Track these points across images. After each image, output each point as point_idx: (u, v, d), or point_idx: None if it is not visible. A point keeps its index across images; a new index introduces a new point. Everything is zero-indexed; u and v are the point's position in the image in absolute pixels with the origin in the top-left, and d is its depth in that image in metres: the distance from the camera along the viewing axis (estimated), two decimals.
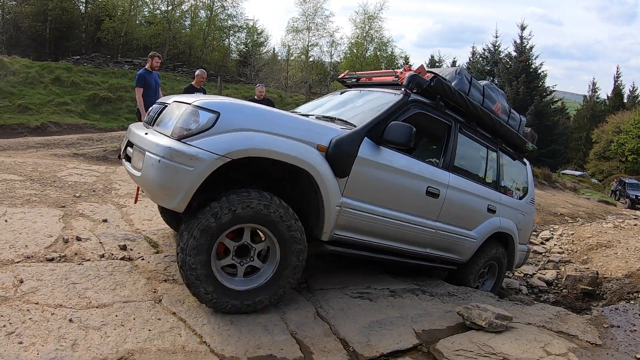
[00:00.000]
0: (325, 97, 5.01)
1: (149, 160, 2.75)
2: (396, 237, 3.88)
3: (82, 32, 31.18)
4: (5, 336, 2.39)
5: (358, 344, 3.01)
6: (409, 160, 3.79)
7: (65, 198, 4.93)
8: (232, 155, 2.75)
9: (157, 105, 3.43)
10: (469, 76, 4.42)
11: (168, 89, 18.00)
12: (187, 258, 2.79)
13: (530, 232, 6.02)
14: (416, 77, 3.83)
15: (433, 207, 4.06)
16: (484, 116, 4.52)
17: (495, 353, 3.12)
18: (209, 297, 2.89)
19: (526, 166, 5.74)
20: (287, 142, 2.97)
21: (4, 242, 3.50)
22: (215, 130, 2.77)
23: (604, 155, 39.32)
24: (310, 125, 3.24)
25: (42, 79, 17.34)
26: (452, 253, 4.57)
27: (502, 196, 5.03)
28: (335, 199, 3.24)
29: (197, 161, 2.67)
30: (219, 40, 36.01)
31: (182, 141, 2.73)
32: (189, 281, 2.85)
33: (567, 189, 21.19)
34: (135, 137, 3.13)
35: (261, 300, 3.07)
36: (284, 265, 3.10)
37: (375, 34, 38.08)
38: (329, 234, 3.35)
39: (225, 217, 2.81)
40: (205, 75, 8.35)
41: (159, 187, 2.77)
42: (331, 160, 3.17)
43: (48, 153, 9.65)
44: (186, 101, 2.96)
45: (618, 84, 47.96)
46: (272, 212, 2.94)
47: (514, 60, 37.24)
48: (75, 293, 2.94)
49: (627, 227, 11.15)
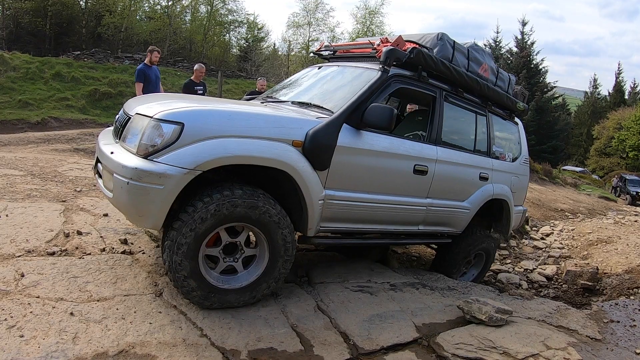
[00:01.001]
0: (303, 72, 4.69)
1: (118, 183, 2.65)
2: (387, 220, 3.81)
3: (83, 27, 31.08)
4: (7, 330, 2.40)
5: (358, 337, 3.02)
6: (393, 140, 3.66)
7: (66, 193, 4.94)
8: (202, 167, 2.64)
9: (122, 115, 3.22)
10: (452, 40, 4.19)
11: (169, 84, 17.98)
12: (176, 275, 2.76)
13: (525, 193, 5.87)
14: (394, 51, 3.60)
15: (422, 184, 3.96)
16: (471, 82, 4.32)
17: (495, 347, 3.12)
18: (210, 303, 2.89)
19: (518, 126, 5.55)
20: (260, 144, 2.84)
21: (5, 237, 3.50)
22: (182, 142, 2.63)
23: (604, 151, 39.26)
24: (283, 121, 3.08)
25: (43, 74, 17.31)
26: (446, 226, 4.48)
27: (494, 161, 4.89)
28: (317, 193, 3.15)
29: (166, 179, 2.57)
30: (219, 35, 35.96)
31: (148, 159, 2.62)
32: (186, 296, 2.86)
33: (567, 185, 21.18)
34: (103, 156, 2.96)
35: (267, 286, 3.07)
36: (275, 248, 3.04)
37: (377, 30, 37.95)
38: (315, 229, 3.29)
39: (200, 227, 2.73)
40: (204, 69, 8.36)
41: (132, 209, 2.70)
42: (309, 154, 3.05)
43: (49, 148, 9.65)
44: (148, 114, 2.79)
45: (619, 80, 47.99)
46: (249, 207, 2.84)
47: (515, 56, 37.14)
48: (76, 287, 2.95)
49: (628, 223, 11.17)
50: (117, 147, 2.94)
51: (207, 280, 2.87)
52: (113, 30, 29.33)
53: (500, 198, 4.98)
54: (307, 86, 4.24)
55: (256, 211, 2.86)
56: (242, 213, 2.82)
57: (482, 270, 5.37)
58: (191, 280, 2.79)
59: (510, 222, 5.31)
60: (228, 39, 37.75)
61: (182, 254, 2.71)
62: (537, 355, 3.10)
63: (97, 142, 3.30)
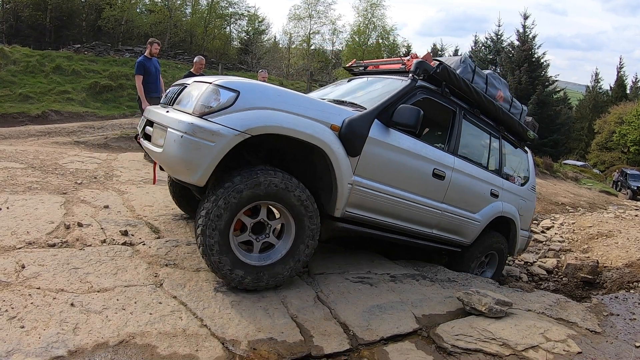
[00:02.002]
0: (332, 85, 5.13)
1: (171, 137, 2.83)
2: (405, 216, 3.99)
3: (83, 20, 31.04)
4: (7, 320, 2.41)
5: (358, 328, 3.02)
6: (416, 142, 3.90)
7: (66, 185, 4.94)
8: (251, 131, 2.85)
9: (175, 87, 3.51)
10: (473, 65, 4.53)
11: (169, 77, 17.94)
12: (209, 223, 2.87)
13: (532, 218, 6.10)
14: (423, 63, 3.96)
15: (439, 188, 4.17)
16: (487, 103, 4.61)
17: (495, 338, 3.13)
18: (222, 267, 2.98)
19: (527, 154, 5.83)
20: (303, 121, 3.08)
21: (6, 229, 3.51)
22: (235, 108, 2.87)
23: (606, 145, 39.19)
24: (325, 106, 3.35)
25: (43, 67, 17.29)
26: (457, 235, 4.66)
27: (505, 182, 5.11)
28: (347, 176, 3.36)
29: (218, 137, 2.76)
30: (220, 28, 35.90)
31: (203, 118, 2.82)
32: (205, 249, 2.93)
33: (568, 179, 21.15)
34: (156, 115, 3.21)
35: (280, 273, 3.20)
36: (298, 241, 3.21)
37: (378, 22, 37.85)
38: (342, 211, 3.47)
39: (245, 193, 2.91)
40: (203, 61, 8.35)
41: (181, 162, 2.85)
42: (344, 139, 3.28)
43: (49, 141, 9.66)
44: (207, 81, 3.04)
45: (621, 74, 47.80)
46: (290, 190, 3.05)
47: (516, 50, 36.97)
48: (76, 278, 2.96)
49: (628, 217, 11.17)
50: (171, 109, 3.17)
51: (250, 264, 3.06)
52: (113, 23, 29.28)
53: (508, 217, 5.20)
54: (340, 92, 4.54)
55: (290, 193, 3.07)
56: (278, 192, 3.02)
57: (497, 270, 5.48)
58: (237, 270, 2.98)
59: (516, 243, 5.53)
60: (229, 32, 37.69)
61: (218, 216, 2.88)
62: (537, 347, 3.10)
63: (147, 109, 3.63)
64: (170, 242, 3.74)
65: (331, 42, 40.20)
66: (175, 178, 3.25)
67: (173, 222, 4.26)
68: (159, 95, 7.49)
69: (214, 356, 2.46)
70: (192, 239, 3.90)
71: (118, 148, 9.75)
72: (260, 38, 39.57)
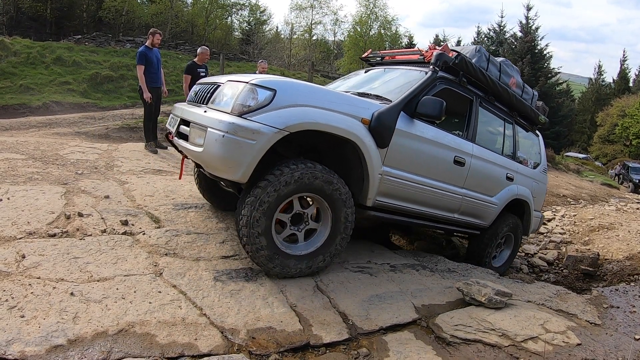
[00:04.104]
0: (350, 75, 5.29)
1: (212, 136, 2.92)
2: (430, 203, 4.18)
3: (83, 11, 30.89)
4: (8, 310, 2.42)
5: (357, 318, 3.03)
6: (438, 131, 4.05)
7: (67, 175, 4.94)
8: (289, 128, 2.97)
9: (206, 85, 3.58)
10: (487, 54, 4.67)
11: (170, 67, 17.91)
12: (251, 231, 3.04)
13: (543, 200, 6.35)
14: (443, 55, 4.11)
15: (460, 175, 4.37)
16: (502, 91, 4.79)
17: (494, 329, 3.14)
18: (277, 269, 3.20)
19: (538, 138, 6.07)
20: (337, 116, 3.22)
21: (7, 219, 3.52)
22: (273, 107, 2.98)
23: (608, 138, 39.02)
24: (354, 100, 3.50)
25: (44, 59, 17.23)
26: (477, 218, 4.88)
27: (519, 165, 5.36)
28: (377, 167, 3.53)
29: (259, 135, 2.88)
30: (221, 19, 35.69)
31: (242, 117, 2.92)
32: (258, 261, 3.15)
33: (570, 171, 21.10)
34: (193, 115, 3.29)
35: (324, 259, 3.41)
36: (336, 229, 3.39)
37: (380, 12, 37.63)
38: (373, 200, 3.64)
39: (283, 190, 3.06)
40: (208, 52, 8.29)
41: (223, 160, 2.94)
42: (373, 132, 3.44)
43: (50, 132, 9.65)
44: (242, 80, 3.14)
45: (624, 67, 47.46)
46: (328, 182, 3.22)
47: (519, 41, 36.66)
48: (76, 267, 2.97)
49: (630, 210, 11.13)
50: (202, 109, 3.26)
51: (274, 241, 3.18)
52: (114, 14, 29.13)
53: (523, 199, 5.44)
54: (361, 82, 4.68)
55: (330, 187, 3.24)
56: (319, 186, 3.19)
57: (513, 250, 5.76)
58: (263, 237, 3.08)
59: (530, 224, 5.84)
60: (230, 22, 37.50)
61: (262, 211, 3.03)
62: (536, 338, 3.11)
63: (178, 108, 3.74)
64: (171, 231, 3.75)
65: (333, 32, 40.10)
66: (215, 175, 3.28)
67: (173, 211, 4.26)
68: (159, 85, 7.46)
69: (213, 345, 2.47)
70: (192, 228, 3.90)
71: (119, 138, 9.74)
72: (262, 28, 39.37)
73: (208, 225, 4.05)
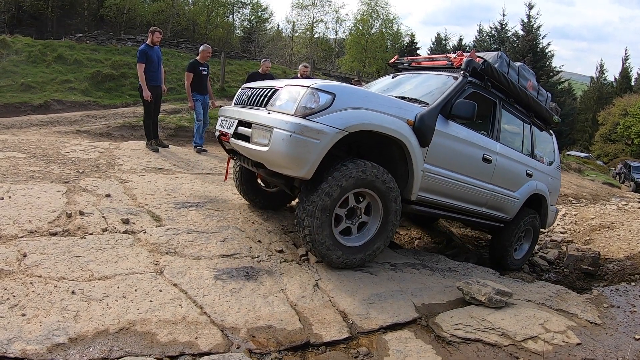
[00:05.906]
0: (379, 80, 5.70)
1: (279, 136, 3.16)
2: (463, 197, 4.55)
3: (85, 9, 30.87)
4: (9, 309, 2.43)
5: (357, 317, 3.04)
6: (469, 131, 4.41)
7: (68, 174, 4.95)
8: (349, 129, 3.28)
9: (259, 89, 3.80)
10: (508, 59, 5.01)
11: (171, 66, 17.86)
12: (315, 237, 3.37)
13: (557, 195, 6.75)
14: (472, 61, 4.45)
15: (487, 171, 4.73)
16: (521, 93, 5.16)
17: (494, 328, 3.14)
18: (340, 260, 3.54)
19: (552, 136, 6.46)
20: (388, 118, 3.55)
21: (8, 218, 3.53)
22: (333, 109, 3.26)
23: (609, 137, 38.92)
24: (400, 104, 3.81)
25: (45, 57, 17.19)
26: (501, 212, 5.25)
27: (537, 162, 5.76)
28: (420, 164, 3.88)
29: (323, 135, 3.17)
30: (222, 17, 35.63)
31: (306, 118, 3.18)
32: (322, 254, 3.47)
33: (571, 170, 21.07)
34: (256, 117, 3.51)
35: (379, 247, 3.78)
36: (386, 221, 3.74)
37: (382, 11, 37.59)
38: (416, 195, 3.98)
39: (345, 185, 3.37)
40: (210, 50, 8.30)
41: (290, 158, 3.19)
42: (417, 132, 3.78)
43: (51, 130, 9.67)
44: (302, 84, 3.40)
45: (626, 66, 47.28)
46: (380, 178, 3.54)
47: (521, 40, 36.61)
48: (77, 266, 2.98)
49: (631, 209, 11.10)
50: (265, 112, 3.49)
51: (334, 234, 3.52)
52: (115, 12, 29.11)
53: (541, 194, 5.82)
54: (394, 87, 5.02)
55: (384, 184, 3.59)
56: (376, 182, 3.54)
57: (532, 243, 6.13)
58: (326, 230, 3.41)
59: (547, 218, 6.24)
60: (231, 20, 37.44)
61: (326, 204, 3.35)
62: (536, 337, 3.12)
63: (235, 111, 3.92)
64: (171, 230, 3.76)
65: (334, 30, 40.06)
66: (277, 172, 3.50)
67: (174, 210, 4.27)
68: (159, 84, 7.45)
69: (213, 343, 2.48)
70: (192, 227, 3.91)
71: (120, 137, 9.75)
72: (263, 26, 39.31)
73: (209, 224, 4.06)
